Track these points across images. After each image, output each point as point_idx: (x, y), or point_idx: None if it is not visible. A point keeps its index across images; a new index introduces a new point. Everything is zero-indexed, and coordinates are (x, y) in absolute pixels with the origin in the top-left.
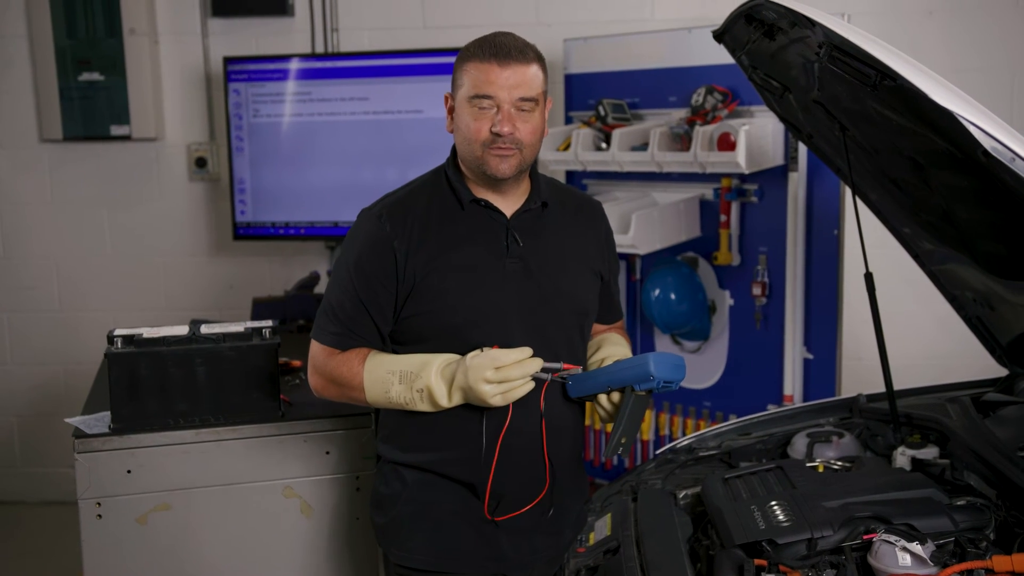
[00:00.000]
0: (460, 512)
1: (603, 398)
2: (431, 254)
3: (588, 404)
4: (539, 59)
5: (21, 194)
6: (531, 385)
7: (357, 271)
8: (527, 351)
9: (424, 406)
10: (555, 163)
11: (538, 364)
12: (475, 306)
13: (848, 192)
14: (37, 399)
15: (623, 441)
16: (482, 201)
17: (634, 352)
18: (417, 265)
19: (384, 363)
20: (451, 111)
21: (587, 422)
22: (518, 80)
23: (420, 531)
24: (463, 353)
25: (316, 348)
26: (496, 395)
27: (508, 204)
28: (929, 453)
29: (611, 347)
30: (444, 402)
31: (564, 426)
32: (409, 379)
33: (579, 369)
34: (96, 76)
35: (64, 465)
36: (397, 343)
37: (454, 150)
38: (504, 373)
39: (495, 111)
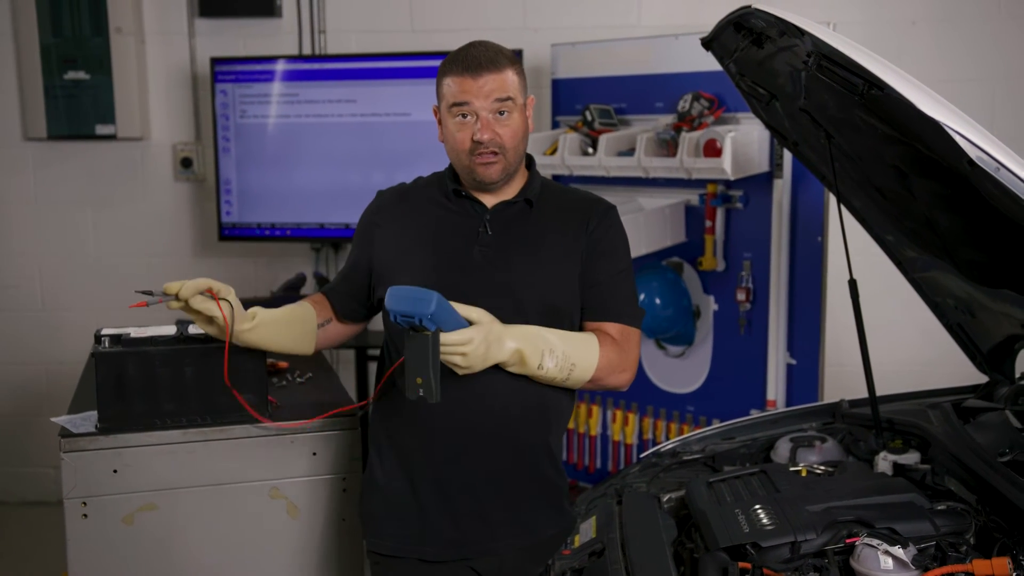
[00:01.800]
0: (424, 498)
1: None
2: (407, 234)
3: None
4: (513, 63)
5: (4, 193)
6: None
7: (355, 238)
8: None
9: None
10: (542, 167)
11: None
12: (434, 287)
13: (832, 199)
14: (18, 398)
15: (419, 382)
16: (463, 191)
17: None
18: (388, 240)
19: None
20: (440, 123)
21: (571, 425)
22: (492, 87)
23: (388, 518)
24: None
25: None
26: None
27: (493, 199)
28: (910, 458)
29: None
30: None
31: (491, 392)
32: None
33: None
34: (82, 75)
35: (46, 465)
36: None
37: None
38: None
39: (474, 120)
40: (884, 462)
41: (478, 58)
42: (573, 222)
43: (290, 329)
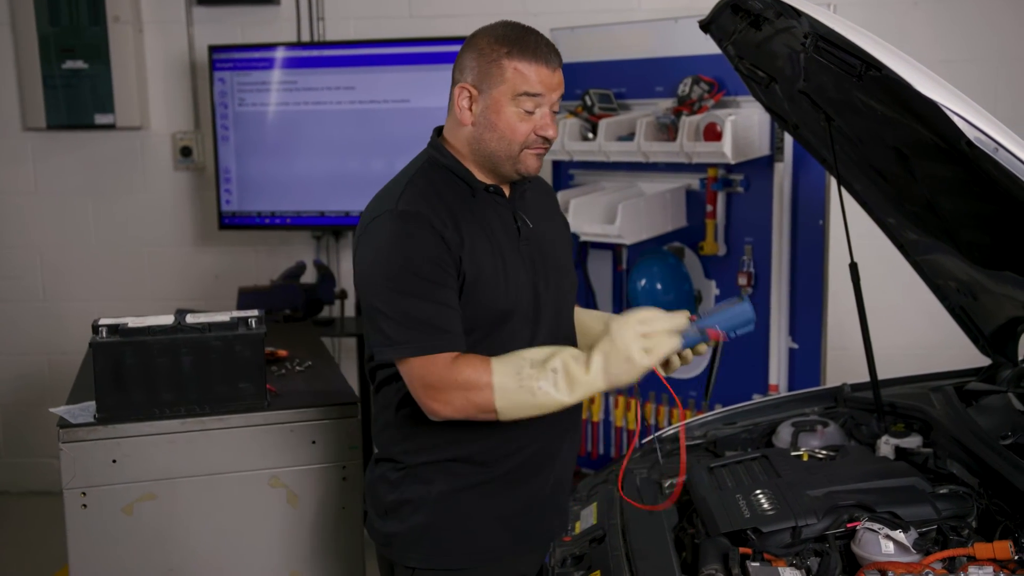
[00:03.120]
0: (489, 505)
1: (687, 351)
2: (467, 244)
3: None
4: None
5: (5, 183)
6: (677, 341)
7: (416, 268)
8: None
9: (557, 392)
10: None
11: (683, 319)
12: (511, 290)
13: (833, 182)
14: (21, 389)
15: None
16: (491, 187)
17: None
18: (462, 254)
19: (514, 354)
20: (471, 104)
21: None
22: (559, 82)
23: (448, 530)
24: (506, 338)
25: (420, 364)
26: (643, 350)
27: (507, 189)
28: (912, 442)
29: (591, 312)
30: (580, 374)
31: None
32: (540, 363)
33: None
34: (80, 64)
35: (48, 455)
36: None
37: (438, 132)
38: (651, 327)
39: (536, 113)
40: (886, 446)
41: (550, 49)
42: (550, 202)
43: None
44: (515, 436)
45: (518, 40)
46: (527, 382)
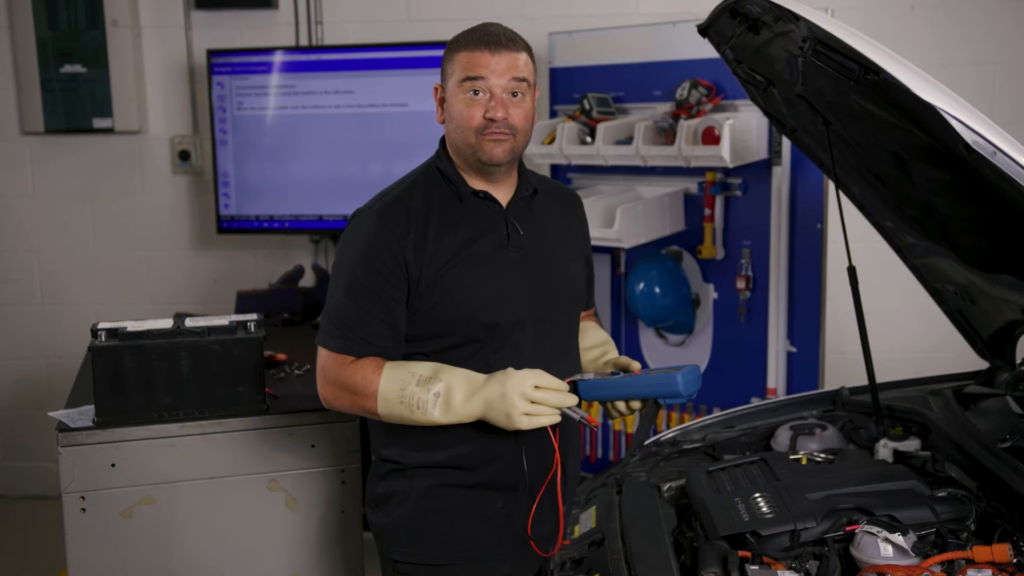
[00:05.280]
0: (472, 505)
1: (621, 403)
2: (436, 248)
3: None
4: (528, 48)
5: (3, 187)
6: (557, 418)
7: (361, 272)
8: (564, 384)
9: (432, 412)
10: (540, 157)
11: (573, 400)
12: (486, 296)
13: (831, 186)
14: (19, 393)
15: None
16: (480, 192)
17: (618, 342)
18: (423, 260)
19: (405, 365)
20: (441, 102)
21: None
22: (508, 65)
23: (430, 526)
24: (479, 344)
25: (325, 356)
26: (523, 414)
27: (502, 193)
28: (911, 445)
29: (596, 332)
30: (458, 404)
31: (576, 438)
32: (426, 382)
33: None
34: (78, 68)
35: (46, 459)
36: (412, 340)
37: (443, 142)
38: (542, 395)
39: (488, 98)
40: (884, 449)
41: (497, 34)
42: (566, 211)
43: None
44: (504, 443)
45: (470, 32)
46: (408, 399)
